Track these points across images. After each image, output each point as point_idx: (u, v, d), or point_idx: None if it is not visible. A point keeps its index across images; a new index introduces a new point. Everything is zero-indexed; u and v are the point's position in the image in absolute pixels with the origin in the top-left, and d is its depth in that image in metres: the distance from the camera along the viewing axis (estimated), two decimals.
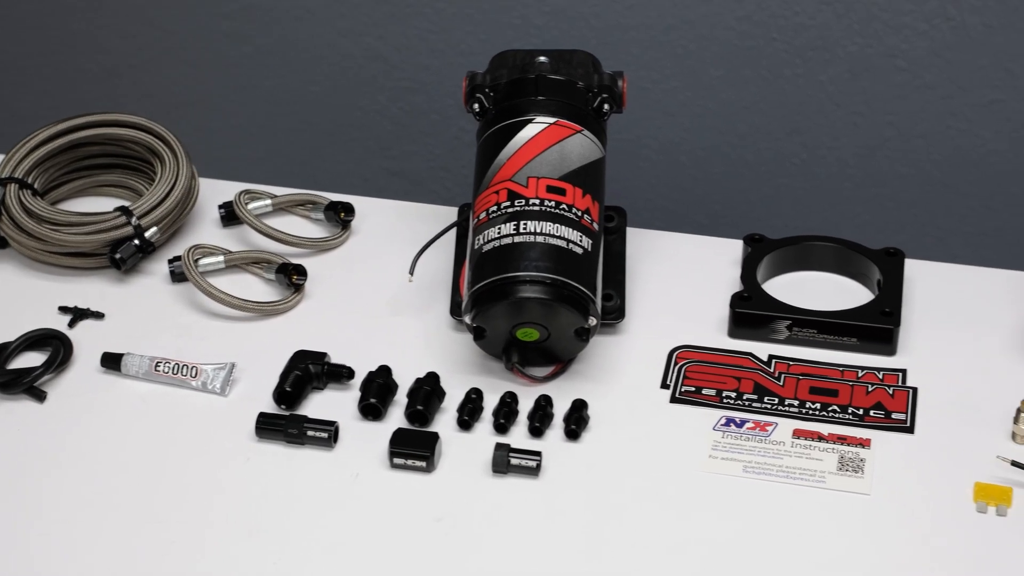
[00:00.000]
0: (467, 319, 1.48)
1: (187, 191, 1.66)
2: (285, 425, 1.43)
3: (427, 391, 1.46)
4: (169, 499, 1.39)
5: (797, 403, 1.48)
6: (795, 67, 1.93)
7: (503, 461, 1.40)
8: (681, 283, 1.62)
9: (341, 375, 1.49)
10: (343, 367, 1.49)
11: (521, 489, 1.39)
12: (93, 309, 1.59)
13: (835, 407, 1.47)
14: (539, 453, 1.41)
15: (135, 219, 1.61)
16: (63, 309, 1.59)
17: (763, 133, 1.99)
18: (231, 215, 1.69)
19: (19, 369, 1.50)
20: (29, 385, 1.49)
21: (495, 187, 1.52)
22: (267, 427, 1.44)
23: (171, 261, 1.62)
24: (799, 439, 1.44)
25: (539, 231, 1.47)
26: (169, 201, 1.64)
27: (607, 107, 1.57)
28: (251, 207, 1.68)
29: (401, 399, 1.47)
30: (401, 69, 2.05)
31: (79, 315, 1.58)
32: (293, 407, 1.47)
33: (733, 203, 2.04)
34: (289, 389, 1.47)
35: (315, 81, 2.08)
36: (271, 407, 1.47)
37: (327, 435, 1.43)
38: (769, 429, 1.45)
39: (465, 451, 1.43)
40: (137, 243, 1.61)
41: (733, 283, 1.60)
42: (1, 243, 1.65)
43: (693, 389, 1.49)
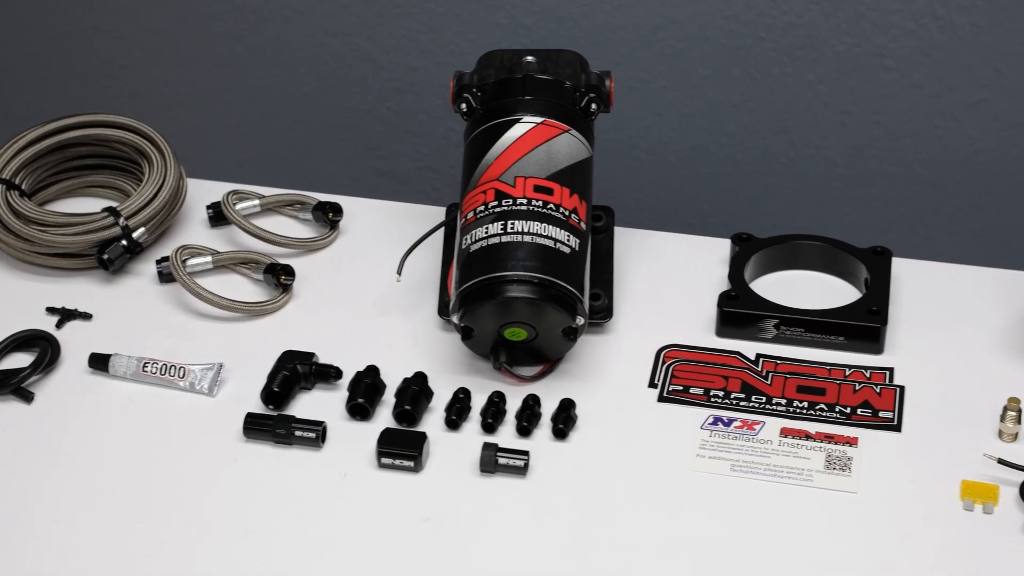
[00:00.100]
0: (455, 319, 1.48)
1: (175, 192, 1.66)
2: (273, 425, 1.43)
3: (415, 391, 1.46)
4: (157, 499, 1.38)
5: (785, 402, 1.48)
6: (783, 66, 1.93)
7: (491, 461, 1.40)
8: (669, 282, 1.62)
9: (329, 375, 1.49)
10: (331, 367, 1.49)
11: (509, 489, 1.39)
12: (81, 310, 1.58)
13: (822, 406, 1.47)
14: (527, 453, 1.41)
15: (123, 220, 1.61)
16: (51, 310, 1.58)
17: (751, 132, 1.99)
18: (219, 215, 1.69)
19: (6, 370, 1.50)
20: (17, 386, 1.49)
21: (483, 187, 1.52)
22: (255, 427, 1.44)
23: (159, 262, 1.62)
24: (787, 438, 1.44)
25: (526, 231, 1.47)
26: (157, 202, 1.64)
27: (595, 107, 1.57)
28: (239, 207, 1.68)
29: (389, 399, 1.47)
30: (389, 69, 2.04)
31: (67, 316, 1.57)
32: (281, 407, 1.47)
33: (721, 202, 2.04)
34: (277, 389, 1.47)
35: (304, 81, 2.08)
36: (259, 407, 1.47)
37: (315, 435, 1.43)
38: (757, 428, 1.45)
39: (453, 451, 1.43)
40: (125, 244, 1.61)
41: (721, 282, 1.60)
42: None
43: (681, 388, 1.49)
